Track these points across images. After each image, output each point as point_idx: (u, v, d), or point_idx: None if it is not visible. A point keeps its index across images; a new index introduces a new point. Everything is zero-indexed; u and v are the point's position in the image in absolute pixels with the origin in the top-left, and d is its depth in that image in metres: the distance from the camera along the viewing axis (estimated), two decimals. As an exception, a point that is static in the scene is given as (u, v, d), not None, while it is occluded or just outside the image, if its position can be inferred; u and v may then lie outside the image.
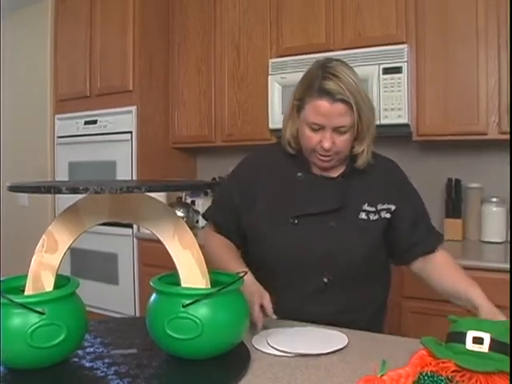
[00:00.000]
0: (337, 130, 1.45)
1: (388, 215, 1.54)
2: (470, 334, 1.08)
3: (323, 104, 1.42)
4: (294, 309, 1.48)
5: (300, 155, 1.59)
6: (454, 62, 2.68)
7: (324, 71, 1.44)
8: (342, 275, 1.51)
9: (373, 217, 1.53)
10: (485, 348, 1.06)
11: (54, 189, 1.00)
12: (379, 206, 1.54)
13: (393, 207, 1.54)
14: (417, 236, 1.57)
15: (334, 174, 1.57)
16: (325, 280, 1.51)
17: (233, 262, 1.52)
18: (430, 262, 1.57)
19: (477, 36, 2.61)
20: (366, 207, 1.53)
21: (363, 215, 1.52)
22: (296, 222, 1.52)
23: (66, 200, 1.15)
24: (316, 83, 1.43)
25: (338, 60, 1.50)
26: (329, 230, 1.51)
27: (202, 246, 1.21)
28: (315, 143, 1.48)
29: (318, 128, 1.46)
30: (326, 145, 1.45)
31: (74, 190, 0.98)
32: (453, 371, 1.02)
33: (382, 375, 1.00)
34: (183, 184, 1.30)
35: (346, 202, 1.52)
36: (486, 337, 1.07)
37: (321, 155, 1.50)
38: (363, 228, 1.52)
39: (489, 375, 1.00)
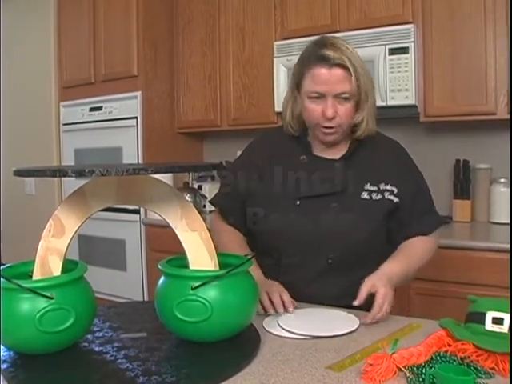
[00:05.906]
0: (338, 97, 1.45)
1: (392, 197, 1.54)
2: (490, 315, 1.07)
3: (321, 71, 1.44)
4: (297, 291, 1.48)
5: (302, 137, 1.61)
6: (462, 41, 2.64)
7: (320, 42, 1.47)
8: (345, 256, 1.52)
9: (375, 196, 1.53)
10: (505, 328, 1.05)
11: (59, 172, 0.99)
12: (382, 186, 1.54)
13: (395, 189, 1.54)
14: (408, 219, 1.56)
15: (337, 155, 1.58)
16: (329, 261, 1.52)
17: (238, 251, 1.51)
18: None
19: (484, 13, 2.56)
20: (368, 187, 1.54)
21: (365, 195, 1.53)
22: (298, 203, 1.54)
23: (74, 188, 1.14)
24: (313, 53, 1.46)
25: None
26: (331, 210, 1.52)
27: (209, 230, 1.19)
28: (318, 115, 1.49)
29: (319, 97, 1.47)
30: (329, 113, 1.46)
31: (79, 173, 0.96)
32: (471, 353, 1.01)
33: (393, 353, 1.00)
34: (189, 165, 1.29)
35: (347, 183, 1.53)
36: (506, 317, 1.06)
37: (325, 127, 1.50)
38: (365, 208, 1.52)
39: (506, 356, 0.99)
